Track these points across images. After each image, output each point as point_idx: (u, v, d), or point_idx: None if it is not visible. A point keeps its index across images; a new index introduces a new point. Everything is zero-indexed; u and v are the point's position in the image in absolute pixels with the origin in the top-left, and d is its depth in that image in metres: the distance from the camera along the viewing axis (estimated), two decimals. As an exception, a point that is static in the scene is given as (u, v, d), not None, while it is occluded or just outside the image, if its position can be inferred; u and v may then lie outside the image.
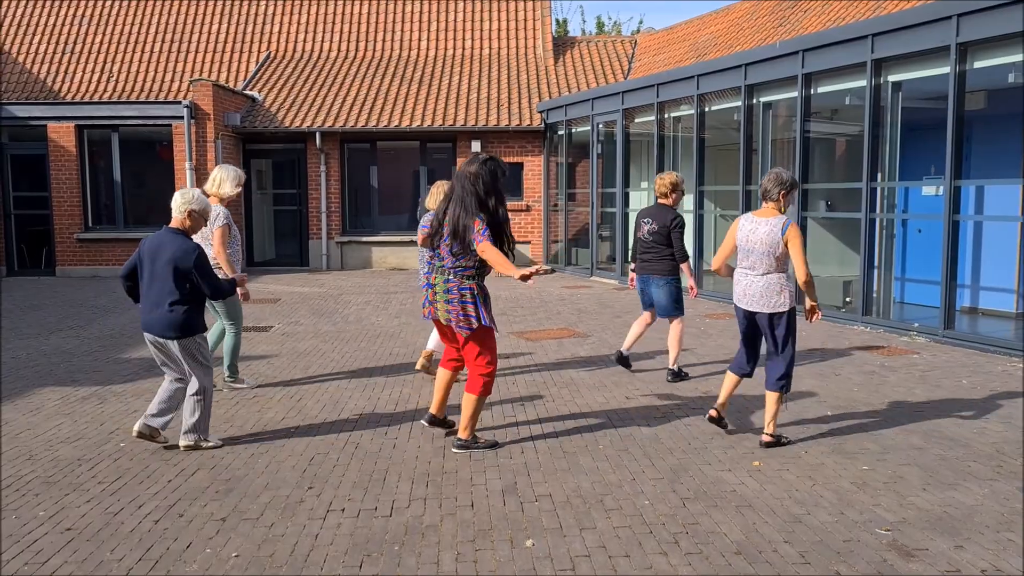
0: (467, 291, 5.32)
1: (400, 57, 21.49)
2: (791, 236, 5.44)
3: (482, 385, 5.44)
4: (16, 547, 4.07)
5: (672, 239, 7.38)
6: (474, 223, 5.24)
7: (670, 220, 7.39)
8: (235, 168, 7.34)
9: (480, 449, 5.52)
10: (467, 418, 5.50)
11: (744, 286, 5.63)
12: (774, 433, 5.58)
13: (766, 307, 5.53)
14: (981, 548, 4.03)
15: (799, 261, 5.45)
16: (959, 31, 8.84)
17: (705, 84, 13.12)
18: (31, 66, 20.80)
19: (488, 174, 5.39)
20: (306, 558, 3.96)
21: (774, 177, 5.57)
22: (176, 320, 5.41)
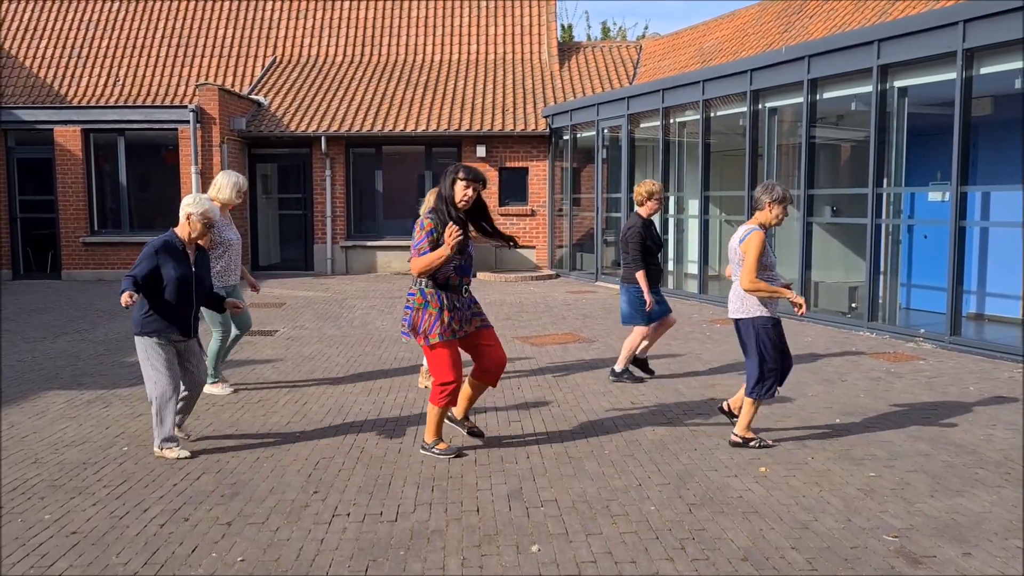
0: (411, 296, 5.30)
1: (405, 62, 21.53)
2: (747, 243, 5.50)
3: (439, 397, 5.35)
4: (21, 551, 4.07)
5: (629, 247, 7.50)
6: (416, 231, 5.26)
7: (626, 228, 7.59)
8: (238, 176, 7.30)
9: (441, 455, 5.44)
10: (429, 424, 5.51)
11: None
12: (744, 435, 5.67)
13: (732, 312, 5.67)
14: (989, 555, 4.01)
15: (744, 269, 5.48)
16: (966, 37, 8.82)
17: (710, 89, 13.12)
18: (38, 70, 20.87)
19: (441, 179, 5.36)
20: (311, 563, 3.95)
21: (763, 187, 5.63)
22: (134, 318, 5.48)
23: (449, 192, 5.26)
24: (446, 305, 5.23)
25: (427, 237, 5.19)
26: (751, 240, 5.51)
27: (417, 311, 5.24)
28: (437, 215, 5.24)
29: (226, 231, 7.16)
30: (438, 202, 5.26)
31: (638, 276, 7.48)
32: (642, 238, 7.49)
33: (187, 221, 5.53)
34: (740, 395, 5.89)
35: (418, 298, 5.25)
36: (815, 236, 11.50)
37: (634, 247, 7.48)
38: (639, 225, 7.53)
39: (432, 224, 5.20)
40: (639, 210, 7.60)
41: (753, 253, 5.47)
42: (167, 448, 5.47)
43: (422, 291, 5.25)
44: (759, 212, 5.62)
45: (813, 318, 11.05)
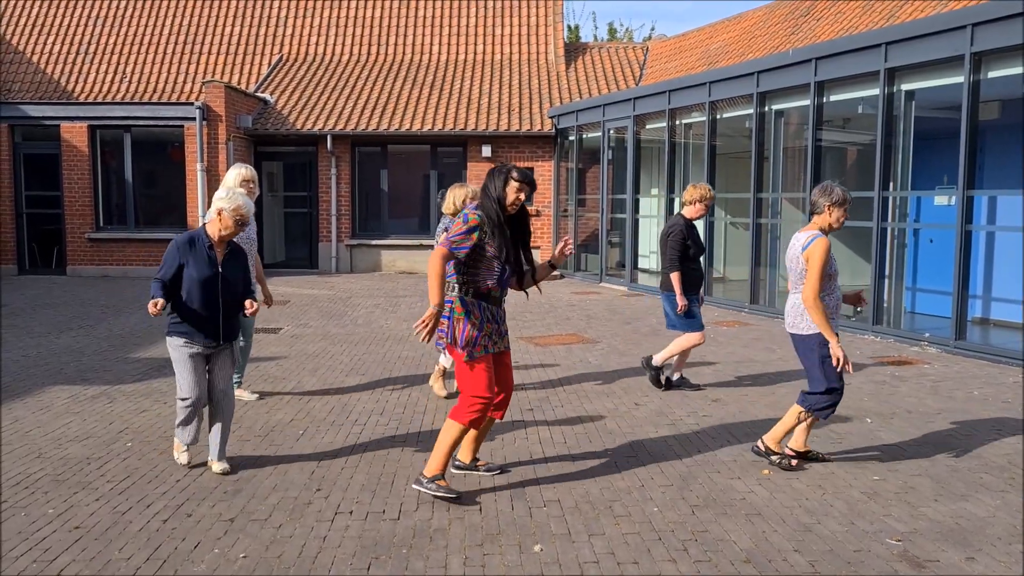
0: (448, 304, 4.74)
1: (412, 61, 21.54)
2: (812, 250, 5.01)
3: (469, 413, 4.72)
4: (24, 544, 4.08)
5: (668, 248, 7.17)
6: (455, 224, 4.74)
7: (668, 226, 7.24)
8: (241, 166, 6.68)
9: (437, 494, 4.71)
10: (441, 446, 4.76)
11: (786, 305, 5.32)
12: (772, 446, 5.27)
13: (790, 327, 5.21)
14: (992, 560, 4.00)
15: (808, 279, 5.00)
16: (974, 40, 8.80)
17: (717, 91, 13.11)
18: (45, 66, 20.91)
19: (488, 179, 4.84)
20: (314, 560, 3.95)
21: (820, 190, 5.19)
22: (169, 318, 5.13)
23: (501, 192, 4.75)
24: (486, 317, 4.78)
25: (468, 233, 4.64)
26: (816, 248, 5.01)
27: (457, 321, 4.71)
28: (486, 214, 4.73)
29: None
30: (486, 200, 4.76)
31: (672, 278, 7.13)
32: (683, 239, 7.12)
33: (218, 217, 5.02)
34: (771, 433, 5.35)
35: (458, 307, 4.72)
36: (820, 239, 11.45)
37: (673, 248, 7.11)
38: (682, 225, 7.17)
39: (478, 221, 4.67)
40: (684, 211, 7.26)
41: (818, 262, 4.97)
42: (180, 446, 5.23)
43: (462, 300, 4.73)
44: (817, 217, 5.17)
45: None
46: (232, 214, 5.00)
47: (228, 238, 5.09)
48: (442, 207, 7.01)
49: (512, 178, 4.76)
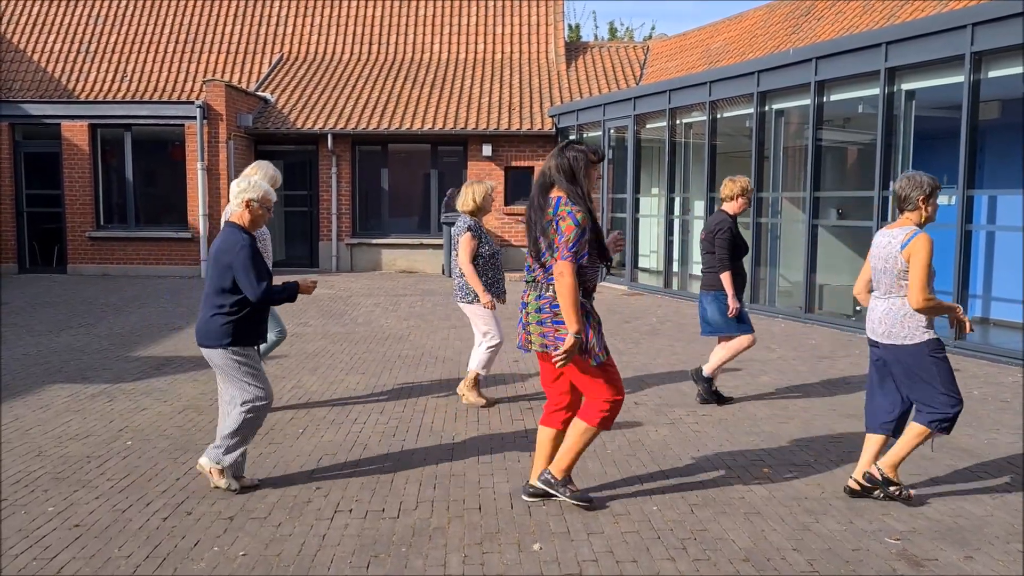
0: (558, 307, 4.34)
1: (412, 60, 21.54)
2: (914, 247, 4.44)
3: (600, 414, 4.42)
4: (24, 542, 4.09)
5: (715, 246, 6.71)
6: (565, 221, 4.28)
7: (714, 225, 6.77)
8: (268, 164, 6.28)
9: (568, 498, 4.53)
10: (569, 448, 4.50)
11: (869, 311, 4.77)
12: (889, 475, 4.65)
13: (887, 337, 4.61)
14: (991, 559, 4.00)
15: (914, 282, 4.45)
16: (974, 40, 8.80)
17: (717, 91, 13.11)
18: (46, 65, 20.92)
19: (566, 161, 4.41)
20: (313, 558, 3.96)
21: (909, 182, 4.60)
22: (211, 326, 4.65)
23: (584, 178, 4.41)
24: (598, 316, 4.50)
25: (582, 237, 4.28)
26: (919, 244, 4.42)
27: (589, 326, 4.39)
28: (585, 208, 4.35)
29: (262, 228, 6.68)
30: (574, 189, 4.37)
31: (723, 279, 6.65)
32: (733, 236, 6.70)
33: (246, 209, 4.73)
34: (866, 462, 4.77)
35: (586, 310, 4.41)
36: (820, 239, 11.49)
37: (722, 246, 6.64)
38: (730, 223, 6.73)
39: (586, 220, 4.30)
40: (727, 206, 6.81)
41: (924, 260, 4.41)
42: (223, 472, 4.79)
43: (580, 303, 4.34)
44: (910, 212, 4.60)
45: (817, 320, 11.04)
46: (261, 204, 4.77)
47: (255, 228, 4.85)
48: (457, 204, 6.85)
49: (593, 161, 4.43)
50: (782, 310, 11.78)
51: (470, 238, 6.60)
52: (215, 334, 4.64)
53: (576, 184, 4.38)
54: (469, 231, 6.62)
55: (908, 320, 4.53)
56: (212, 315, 4.66)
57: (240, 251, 4.56)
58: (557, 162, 4.42)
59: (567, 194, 4.38)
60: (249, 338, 4.72)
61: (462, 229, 6.66)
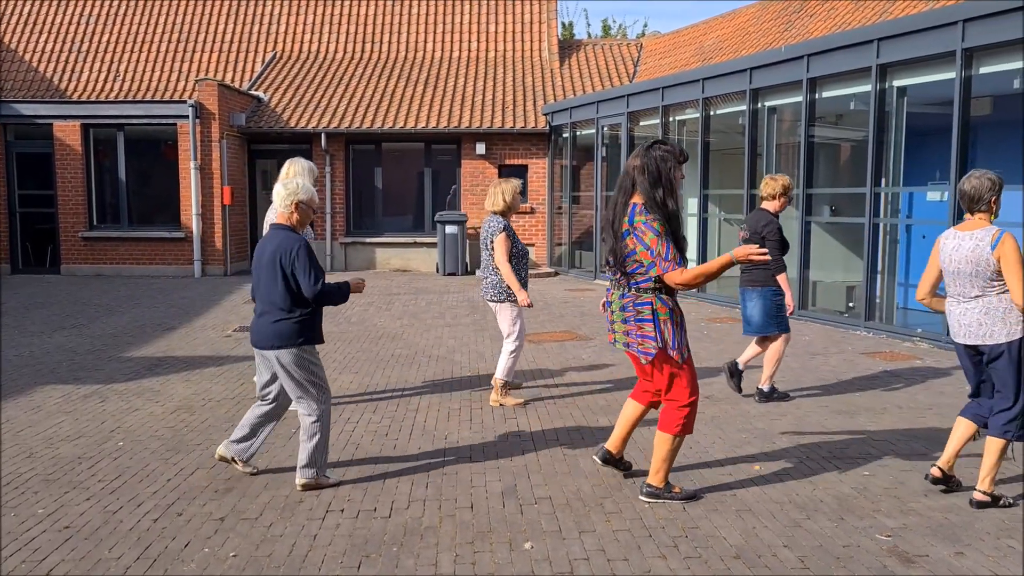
0: (645, 307, 4.41)
1: (406, 58, 21.51)
2: (1006, 247, 4.48)
3: (679, 422, 4.51)
4: (14, 544, 4.07)
5: (766, 245, 6.61)
6: (652, 240, 4.27)
7: (761, 226, 6.75)
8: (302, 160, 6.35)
9: (676, 500, 4.63)
10: (659, 460, 4.60)
11: (956, 316, 4.71)
12: (990, 491, 4.61)
13: (985, 337, 4.57)
14: (981, 555, 4.01)
15: (1013, 280, 4.47)
16: (965, 36, 8.81)
17: (710, 88, 13.11)
18: (37, 64, 20.85)
19: (653, 163, 4.37)
20: (304, 558, 3.95)
21: (981, 182, 4.69)
22: (279, 328, 4.66)
23: (670, 179, 4.39)
24: (682, 315, 4.55)
25: (665, 238, 4.30)
26: (1010, 244, 4.45)
27: (664, 323, 4.41)
28: (659, 211, 4.34)
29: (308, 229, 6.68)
30: (652, 192, 4.35)
31: (781, 280, 6.66)
32: (782, 234, 6.74)
33: (295, 210, 4.74)
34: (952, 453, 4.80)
35: (660, 307, 4.40)
36: (813, 235, 11.50)
37: (773, 244, 6.62)
38: (778, 222, 6.76)
39: (662, 225, 4.31)
40: (768, 205, 6.84)
41: (1019, 258, 4.45)
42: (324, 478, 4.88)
43: (660, 299, 4.41)
44: (981, 214, 4.67)
45: (811, 317, 11.05)
46: (308, 205, 4.80)
47: (303, 229, 4.90)
48: (486, 204, 6.91)
49: (680, 161, 4.43)
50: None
51: (505, 238, 6.67)
52: (286, 335, 4.66)
53: (658, 187, 4.34)
54: (504, 231, 6.70)
55: (1009, 316, 4.53)
56: (276, 320, 4.67)
57: (299, 251, 4.61)
58: (643, 162, 4.38)
59: (645, 200, 4.36)
60: (317, 337, 4.80)
61: (497, 230, 6.71)
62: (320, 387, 4.81)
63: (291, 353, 4.68)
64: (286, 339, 4.66)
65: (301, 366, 4.72)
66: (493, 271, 6.78)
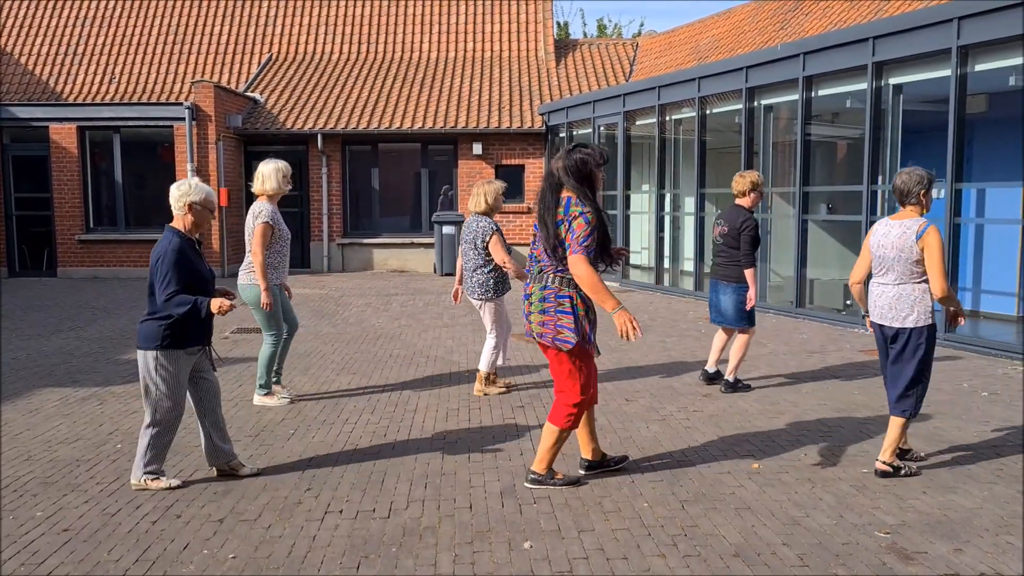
0: (566, 299, 4.58)
1: (402, 59, 21.50)
2: (931, 238, 4.78)
3: (567, 418, 4.71)
4: (13, 547, 4.07)
5: (740, 242, 6.92)
6: (576, 221, 4.47)
7: (740, 222, 6.94)
8: (277, 161, 6.67)
9: (558, 486, 4.82)
10: (544, 450, 4.81)
11: (875, 296, 5.08)
12: (890, 461, 4.99)
13: (896, 320, 4.95)
14: (980, 551, 4.01)
15: (936, 270, 4.80)
16: (960, 34, 8.83)
17: (706, 87, 13.12)
18: (33, 67, 20.82)
19: (574, 163, 4.58)
20: (303, 559, 3.95)
21: (910, 177, 4.93)
22: (144, 329, 4.71)
23: (592, 178, 4.60)
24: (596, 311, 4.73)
25: (593, 233, 4.45)
26: (935, 236, 4.75)
27: (582, 318, 4.62)
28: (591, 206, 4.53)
29: (283, 223, 6.69)
30: (579, 188, 4.55)
31: (749, 275, 6.89)
32: (757, 231, 6.95)
33: (188, 212, 4.80)
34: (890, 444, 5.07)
35: (579, 302, 4.61)
36: (810, 233, 11.51)
37: (747, 241, 6.87)
38: (754, 218, 6.97)
39: (596, 219, 4.49)
40: (742, 201, 7.03)
41: (940, 247, 4.78)
42: (150, 479, 4.83)
43: (582, 296, 4.62)
44: (912, 207, 4.95)
45: (808, 315, 11.06)
46: (203, 206, 4.84)
47: (198, 232, 4.93)
48: (469, 206, 7.02)
49: (599, 164, 4.63)
50: (772, 305, 11.80)
51: (500, 237, 6.88)
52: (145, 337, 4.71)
53: (585, 184, 4.56)
54: (497, 232, 6.86)
55: (919, 304, 4.91)
56: (143, 320, 4.74)
57: (164, 257, 4.65)
58: (565, 163, 4.59)
59: (576, 194, 4.56)
60: (181, 343, 4.74)
61: (489, 231, 6.85)
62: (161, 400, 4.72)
63: (145, 355, 4.70)
64: (144, 341, 4.70)
65: (151, 370, 4.70)
66: (478, 270, 6.93)
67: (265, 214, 6.49)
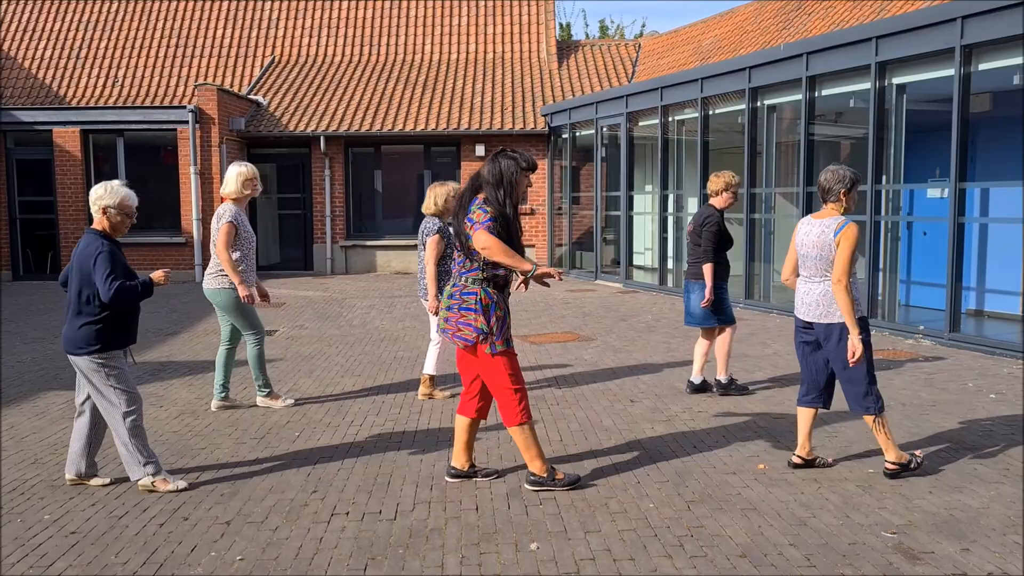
0: (471, 296, 4.69)
1: (404, 61, 21.53)
2: (846, 234, 4.85)
3: (516, 410, 4.72)
4: (21, 551, 4.08)
5: (703, 239, 6.95)
6: (476, 214, 4.65)
7: (703, 219, 7.00)
8: (242, 164, 6.74)
9: (557, 488, 4.81)
10: (524, 451, 4.80)
11: (801, 294, 5.10)
12: (896, 460, 4.97)
13: (815, 316, 4.98)
14: (987, 551, 4.01)
15: (840, 263, 4.84)
16: (963, 33, 8.82)
17: (709, 87, 13.12)
18: (36, 71, 20.87)
19: (498, 168, 4.73)
20: (310, 561, 3.95)
21: (833, 175, 5.02)
22: (79, 334, 4.72)
23: (514, 181, 4.70)
24: (507, 309, 4.77)
25: (492, 221, 4.61)
26: (851, 232, 4.82)
27: (483, 314, 4.65)
28: (497, 207, 4.66)
29: (248, 226, 6.72)
30: (491, 189, 4.68)
31: (705, 269, 6.91)
32: (720, 229, 6.94)
33: (103, 216, 4.77)
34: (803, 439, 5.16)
35: (483, 298, 4.67)
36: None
37: (708, 238, 6.89)
38: (718, 216, 6.98)
39: (495, 212, 4.64)
40: (714, 201, 7.04)
41: (851, 245, 4.81)
42: (158, 480, 4.85)
43: (487, 291, 4.69)
44: (832, 204, 5.01)
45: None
46: (119, 210, 4.81)
47: (117, 236, 4.89)
48: (423, 208, 7.01)
49: (523, 168, 4.76)
50: (776, 305, 11.79)
51: (439, 239, 6.75)
52: (81, 341, 4.72)
53: (499, 189, 4.70)
54: (439, 233, 6.78)
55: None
56: (80, 325, 4.73)
57: (98, 257, 4.67)
58: (489, 167, 4.76)
59: (486, 197, 4.73)
60: (116, 343, 4.80)
61: (432, 231, 6.82)
62: (121, 397, 4.77)
63: (89, 360, 4.73)
64: (82, 344, 4.72)
65: (98, 372, 4.74)
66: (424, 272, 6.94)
67: (228, 215, 6.57)
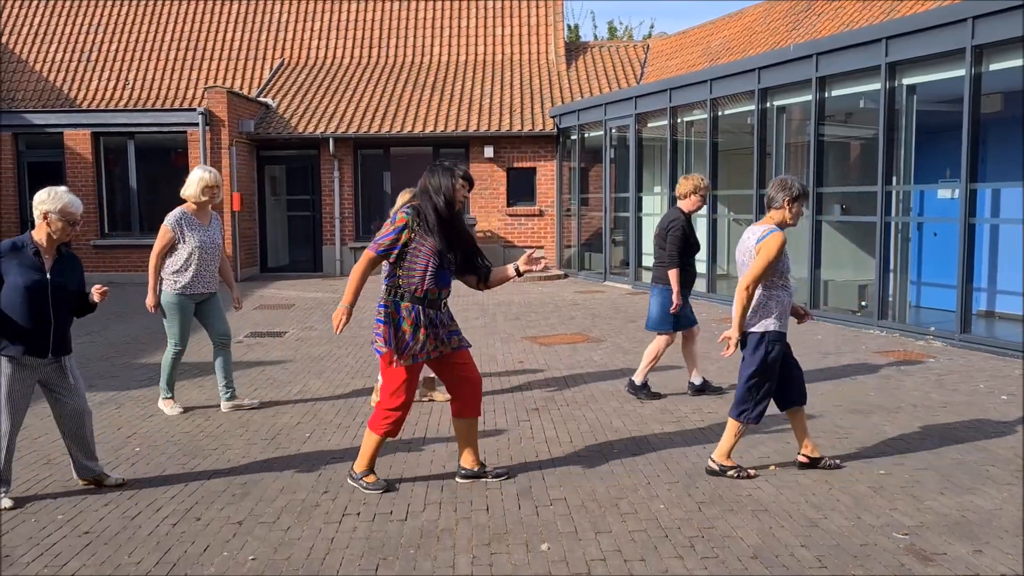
0: (382, 308, 4.79)
1: (413, 63, 21.56)
2: (766, 243, 4.84)
3: (383, 424, 4.81)
4: (35, 550, 4.10)
5: (667, 243, 6.90)
6: (384, 227, 4.81)
7: (668, 223, 6.97)
8: (205, 170, 6.64)
9: (366, 490, 4.85)
10: (363, 451, 4.92)
11: None
12: (723, 462, 5.06)
13: (748, 323, 5.01)
14: (1000, 552, 4.00)
15: (750, 269, 4.87)
16: (974, 33, 8.79)
17: (718, 88, 13.11)
18: (48, 74, 20.98)
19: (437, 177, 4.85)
20: (322, 561, 3.97)
21: (778, 183, 5.02)
22: None
23: (450, 190, 4.80)
24: (423, 322, 4.74)
25: (395, 234, 4.72)
26: (771, 241, 4.83)
27: (388, 326, 4.74)
28: (418, 212, 4.78)
29: (195, 232, 6.53)
30: (424, 198, 4.81)
31: (670, 275, 6.86)
32: (684, 234, 6.87)
33: (44, 221, 4.69)
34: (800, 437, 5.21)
35: (392, 312, 4.76)
36: (824, 234, 11.48)
37: (673, 243, 6.85)
38: (683, 220, 6.91)
39: (406, 220, 4.74)
40: (681, 204, 6.98)
41: (767, 256, 4.82)
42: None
43: (397, 305, 4.77)
44: (774, 211, 5.00)
45: (823, 316, 11.02)
46: (60, 216, 4.70)
47: (59, 242, 4.82)
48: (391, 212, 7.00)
49: (459, 176, 4.86)
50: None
51: None
52: None
53: (428, 200, 4.80)
54: None
55: (761, 308, 4.97)
56: None
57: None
58: (427, 177, 4.89)
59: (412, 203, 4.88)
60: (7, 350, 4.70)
61: None
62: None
63: None
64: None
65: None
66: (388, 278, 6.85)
67: (171, 218, 6.51)
